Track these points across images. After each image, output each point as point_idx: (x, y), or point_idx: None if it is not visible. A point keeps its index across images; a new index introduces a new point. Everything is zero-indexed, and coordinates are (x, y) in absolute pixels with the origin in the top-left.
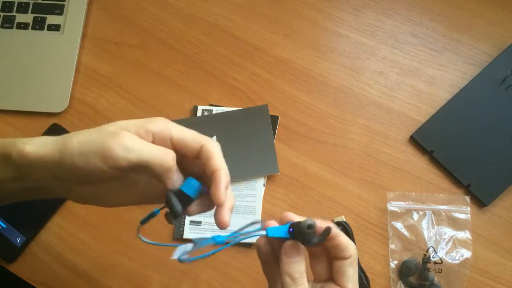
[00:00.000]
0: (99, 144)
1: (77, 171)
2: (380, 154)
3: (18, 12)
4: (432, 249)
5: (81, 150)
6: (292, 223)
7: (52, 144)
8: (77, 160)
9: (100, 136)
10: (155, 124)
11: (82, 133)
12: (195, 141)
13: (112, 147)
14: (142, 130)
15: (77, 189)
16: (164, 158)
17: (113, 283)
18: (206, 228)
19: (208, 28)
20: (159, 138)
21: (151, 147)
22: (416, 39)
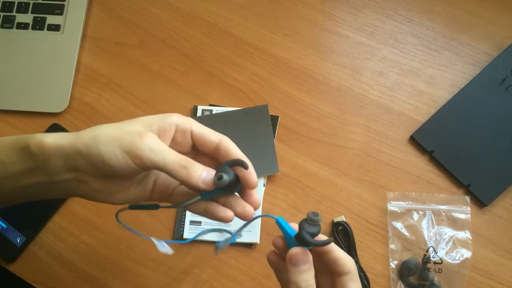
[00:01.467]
0: (128, 142)
1: (103, 164)
2: (380, 154)
3: (18, 12)
4: (432, 249)
5: (109, 145)
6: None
7: (72, 136)
8: (104, 154)
9: (129, 135)
10: (176, 117)
11: (109, 128)
12: (214, 135)
13: (140, 147)
14: (166, 124)
15: (91, 183)
16: (183, 164)
17: (113, 283)
18: (206, 228)
19: (208, 28)
20: (181, 130)
21: (172, 153)
22: (416, 39)
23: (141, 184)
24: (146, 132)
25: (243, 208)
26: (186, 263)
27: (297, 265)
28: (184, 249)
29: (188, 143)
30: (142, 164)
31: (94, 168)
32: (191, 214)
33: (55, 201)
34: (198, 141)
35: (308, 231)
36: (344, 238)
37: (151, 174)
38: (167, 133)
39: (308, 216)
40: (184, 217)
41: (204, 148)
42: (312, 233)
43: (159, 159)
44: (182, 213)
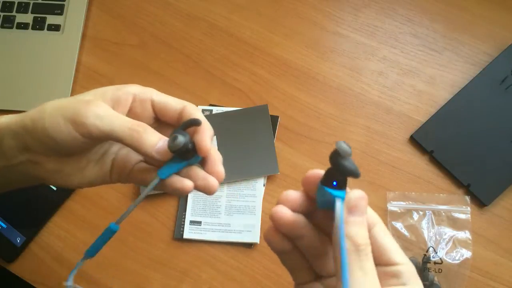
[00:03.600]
0: (72, 110)
1: (48, 138)
2: (380, 154)
3: (18, 12)
4: (432, 249)
5: (53, 115)
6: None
7: (25, 114)
8: (49, 126)
9: (75, 103)
10: (135, 86)
11: (58, 100)
12: (177, 103)
13: (84, 114)
14: (121, 93)
15: (45, 164)
16: (135, 127)
17: (113, 283)
18: (206, 228)
19: (208, 28)
20: (140, 100)
21: (123, 117)
22: (416, 39)
23: (99, 164)
24: (95, 100)
25: (204, 180)
26: (186, 263)
27: (356, 213)
28: (184, 249)
29: (150, 115)
30: (88, 133)
31: (43, 145)
32: (191, 214)
33: (55, 201)
34: (160, 110)
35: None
36: None
37: (109, 153)
38: (122, 102)
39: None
40: (184, 217)
41: (167, 117)
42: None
43: (106, 125)
44: (182, 213)
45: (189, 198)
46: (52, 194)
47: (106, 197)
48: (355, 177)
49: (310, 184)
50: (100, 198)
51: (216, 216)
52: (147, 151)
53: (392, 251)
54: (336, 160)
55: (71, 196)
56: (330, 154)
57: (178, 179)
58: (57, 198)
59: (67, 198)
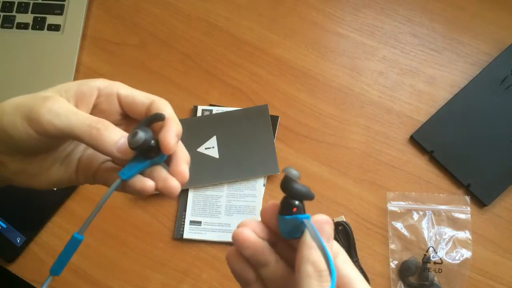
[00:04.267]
0: (28, 107)
1: (6, 137)
2: (380, 154)
3: (18, 12)
4: (432, 249)
5: (11, 113)
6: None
7: None
8: (6, 124)
9: (32, 100)
10: (100, 81)
11: (18, 97)
12: (145, 97)
13: (39, 110)
14: (85, 88)
15: (8, 164)
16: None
17: (113, 283)
18: (206, 228)
19: (208, 28)
20: (105, 95)
21: (81, 114)
22: (416, 39)
23: (64, 164)
24: (53, 96)
25: (165, 181)
26: (186, 263)
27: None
28: (184, 249)
29: (116, 110)
30: (44, 130)
31: (3, 144)
32: (191, 214)
33: (55, 201)
34: (127, 105)
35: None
36: (344, 238)
37: (75, 152)
38: (86, 98)
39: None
40: (184, 217)
41: (135, 113)
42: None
43: (62, 122)
44: (182, 213)
45: (189, 198)
46: (52, 194)
47: None
48: (310, 199)
49: (268, 217)
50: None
51: (216, 216)
52: (107, 149)
53: (356, 281)
54: (289, 185)
55: (71, 196)
56: (280, 183)
57: (138, 179)
58: (57, 198)
59: (67, 198)
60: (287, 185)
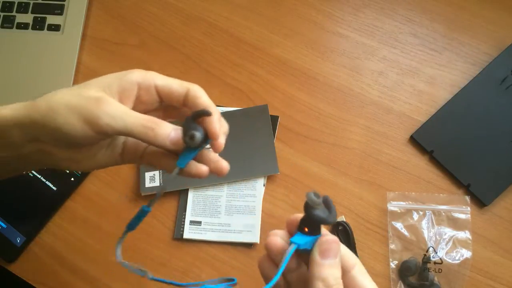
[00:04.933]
0: (85, 111)
1: (61, 135)
2: (380, 154)
3: (18, 12)
4: (432, 249)
5: (66, 115)
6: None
7: (31, 107)
8: (62, 124)
9: (85, 102)
10: (137, 73)
11: (64, 95)
12: (181, 86)
13: (97, 114)
14: (125, 83)
15: (56, 153)
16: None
17: (113, 283)
18: (206, 228)
19: (208, 28)
20: (144, 88)
21: (135, 115)
22: (416, 39)
23: (110, 148)
24: (104, 97)
25: (216, 163)
26: (186, 263)
27: (328, 257)
28: (184, 249)
29: (155, 99)
30: (103, 132)
31: (54, 139)
32: (191, 214)
33: (55, 201)
34: (164, 95)
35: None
36: (344, 238)
37: (120, 137)
38: (129, 92)
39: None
40: (184, 217)
41: (172, 101)
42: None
43: (120, 124)
44: (182, 213)
45: (189, 198)
46: (52, 194)
47: (106, 197)
48: (327, 224)
49: (293, 228)
50: (100, 198)
51: (216, 216)
52: (161, 144)
53: None
54: (307, 209)
55: (71, 196)
56: (304, 204)
57: (194, 165)
58: (57, 198)
59: (67, 198)
60: (306, 209)
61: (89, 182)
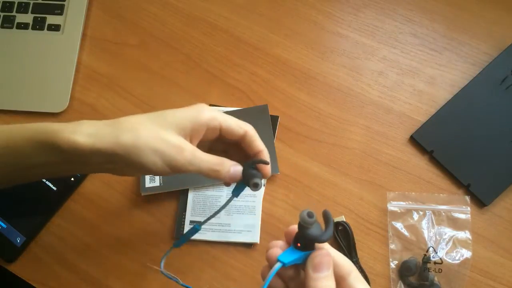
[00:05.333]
0: (168, 156)
1: (142, 168)
2: (380, 154)
3: (18, 12)
4: (432, 249)
5: (151, 156)
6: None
7: (109, 136)
8: (146, 162)
9: (169, 148)
10: (207, 117)
11: (148, 135)
12: (240, 128)
13: (179, 161)
14: (198, 127)
15: (126, 171)
16: (215, 167)
17: (113, 283)
18: (206, 228)
19: (208, 28)
20: (211, 128)
21: (206, 160)
22: (416, 39)
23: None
24: (183, 145)
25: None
26: (186, 263)
27: (322, 270)
28: (184, 249)
29: (215, 136)
30: (178, 172)
31: (133, 168)
32: (191, 214)
33: (55, 201)
34: (224, 134)
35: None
36: (344, 238)
37: None
38: (198, 133)
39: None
40: (184, 217)
41: (230, 139)
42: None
43: (194, 168)
44: (182, 213)
45: (189, 198)
46: (52, 194)
47: (106, 197)
48: (321, 242)
49: (290, 238)
50: (100, 198)
51: (216, 216)
52: (222, 179)
53: None
54: (300, 228)
55: (71, 196)
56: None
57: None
58: (57, 198)
59: (67, 198)
60: (299, 227)
61: (89, 182)
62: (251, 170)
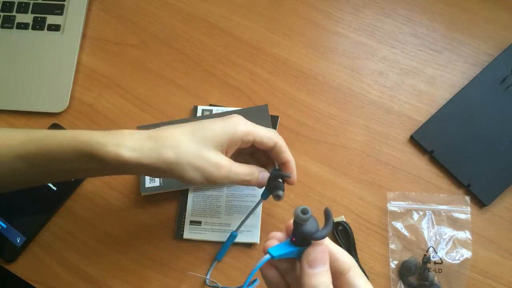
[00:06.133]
0: (207, 173)
1: (181, 179)
2: (380, 154)
3: (18, 12)
4: (432, 249)
5: (191, 171)
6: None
7: (153, 153)
8: (186, 176)
9: (209, 165)
10: (241, 132)
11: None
12: (270, 140)
13: (217, 176)
14: (233, 141)
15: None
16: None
17: (113, 283)
18: (206, 228)
19: (208, 28)
20: (245, 141)
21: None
22: (416, 39)
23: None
24: (221, 163)
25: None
26: (186, 263)
27: (317, 266)
28: (184, 249)
29: (249, 145)
30: (215, 184)
31: (170, 178)
32: (191, 214)
33: (55, 201)
34: (256, 144)
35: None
36: (344, 238)
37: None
38: (234, 146)
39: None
40: (184, 217)
41: (261, 148)
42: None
43: (230, 181)
44: (182, 213)
45: (189, 198)
46: (52, 194)
47: (106, 197)
48: (316, 239)
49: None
50: (100, 198)
51: (216, 216)
52: (252, 186)
53: None
54: (294, 224)
55: (71, 196)
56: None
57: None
58: (57, 198)
59: (67, 198)
60: (294, 223)
61: (89, 182)
62: (275, 182)
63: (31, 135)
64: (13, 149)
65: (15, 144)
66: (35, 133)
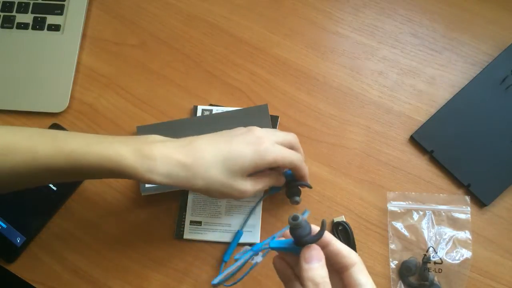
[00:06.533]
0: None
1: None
2: (380, 154)
3: (18, 12)
4: (432, 249)
5: (215, 190)
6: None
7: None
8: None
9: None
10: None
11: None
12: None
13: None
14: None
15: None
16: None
17: (113, 283)
18: (206, 228)
19: (208, 28)
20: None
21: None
22: (416, 39)
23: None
24: (247, 189)
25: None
26: (186, 263)
27: (311, 261)
28: (184, 249)
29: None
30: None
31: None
32: (191, 214)
33: (55, 201)
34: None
35: (298, 235)
36: (344, 238)
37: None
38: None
39: (288, 222)
40: (184, 217)
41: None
42: (301, 235)
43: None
44: (182, 213)
45: (189, 198)
46: (52, 194)
47: (106, 197)
48: (302, 244)
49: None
50: (100, 198)
51: (216, 216)
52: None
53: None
54: (289, 229)
55: (71, 196)
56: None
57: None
58: (57, 198)
59: (67, 198)
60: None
61: (89, 182)
62: (295, 189)
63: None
64: (39, 161)
65: (42, 156)
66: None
